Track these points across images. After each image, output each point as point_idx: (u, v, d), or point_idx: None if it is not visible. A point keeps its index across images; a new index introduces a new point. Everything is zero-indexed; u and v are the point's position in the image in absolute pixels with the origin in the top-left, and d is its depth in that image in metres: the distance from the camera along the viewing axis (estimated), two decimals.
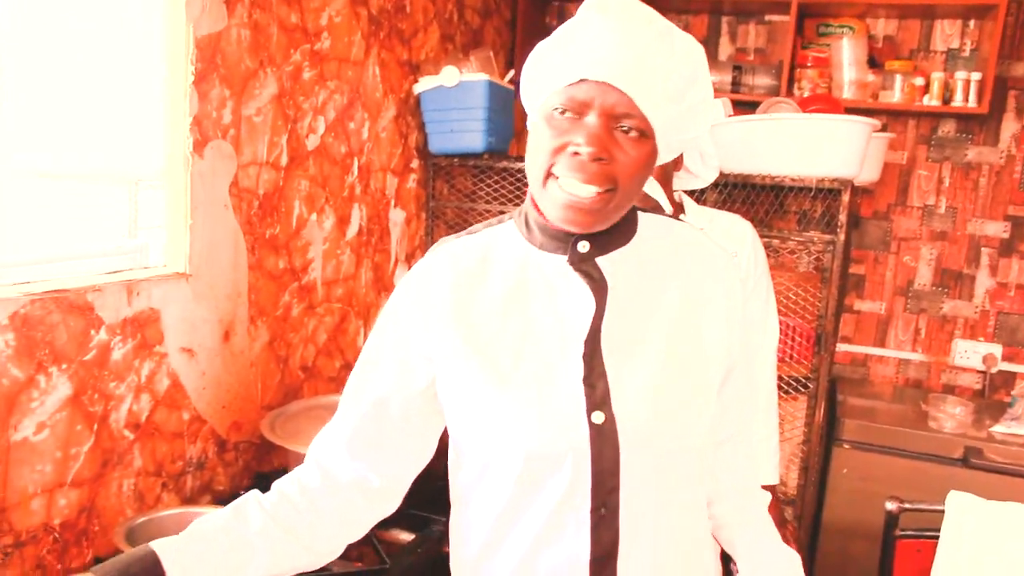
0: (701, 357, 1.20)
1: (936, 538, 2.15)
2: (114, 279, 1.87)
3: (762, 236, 2.26)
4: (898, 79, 3.36)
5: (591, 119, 1.09)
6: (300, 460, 2.09)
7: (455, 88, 2.82)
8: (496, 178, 3.08)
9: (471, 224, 3.42)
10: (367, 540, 2.06)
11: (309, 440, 2.13)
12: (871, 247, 3.67)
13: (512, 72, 3.10)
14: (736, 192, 2.77)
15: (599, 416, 1.13)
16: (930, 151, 3.54)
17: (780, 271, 3.00)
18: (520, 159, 2.99)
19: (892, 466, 3.04)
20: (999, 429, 3.05)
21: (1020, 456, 2.91)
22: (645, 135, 1.10)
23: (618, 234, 1.21)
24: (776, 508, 2.10)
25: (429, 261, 1.25)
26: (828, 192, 2.66)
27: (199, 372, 2.09)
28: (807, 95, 3.32)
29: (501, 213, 3.32)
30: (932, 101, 3.33)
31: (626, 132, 1.09)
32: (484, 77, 2.80)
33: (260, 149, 2.21)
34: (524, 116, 1.22)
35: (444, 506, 2.28)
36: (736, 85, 3.56)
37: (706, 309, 1.22)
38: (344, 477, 1.27)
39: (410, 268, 3.08)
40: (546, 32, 1.29)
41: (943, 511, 2.14)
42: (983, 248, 3.53)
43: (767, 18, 3.70)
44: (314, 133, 2.43)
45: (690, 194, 2.28)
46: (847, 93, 3.37)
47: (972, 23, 3.43)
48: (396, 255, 2.94)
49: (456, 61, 2.87)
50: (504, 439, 1.16)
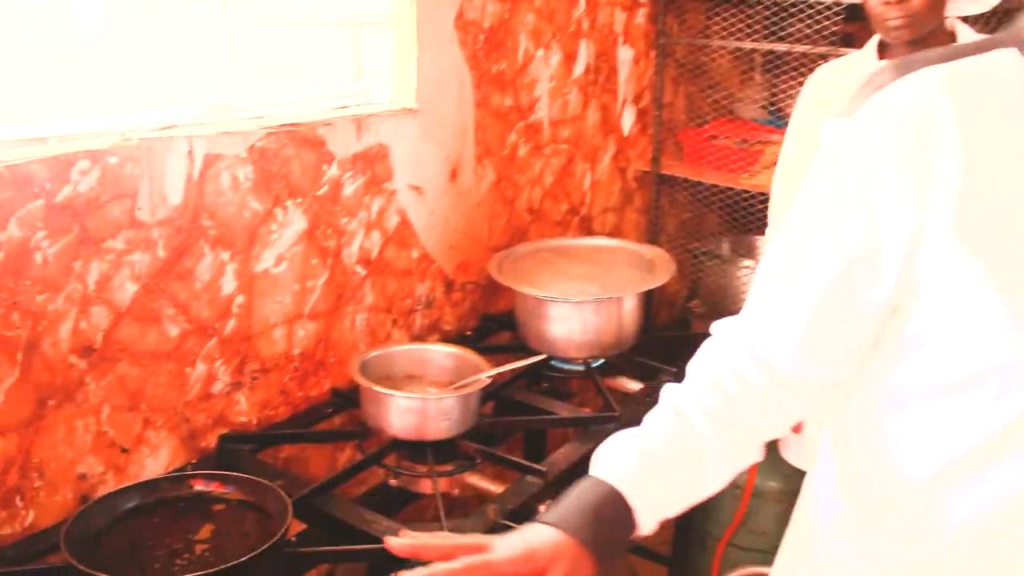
0: None
1: None
2: (344, 114, 1.85)
3: None
4: None
5: None
6: (526, 302, 2.07)
7: None
8: (731, 12, 2.83)
9: (701, 64, 3.22)
10: (595, 386, 2.02)
11: (536, 282, 2.11)
12: None
13: None
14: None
15: None
16: None
17: None
18: None
19: None
20: None
21: None
22: None
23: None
24: None
25: (919, 92, 0.86)
26: None
27: (427, 210, 2.07)
28: None
29: (737, 52, 3.08)
30: None
31: None
32: None
33: None
34: None
35: (672, 355, 2.22)
36: None
37: None
38: (790, 375, 0.98)
39: (638, 110, 2.98)
40: None
41: None
42: None
43: None
44: None
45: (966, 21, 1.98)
46: None
47: None
48: (624, 95, 2.80)
49: None
50: None
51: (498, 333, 2.28)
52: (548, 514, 0.92)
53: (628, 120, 2.85)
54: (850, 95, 0.93)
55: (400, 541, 0.89)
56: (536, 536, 0.89)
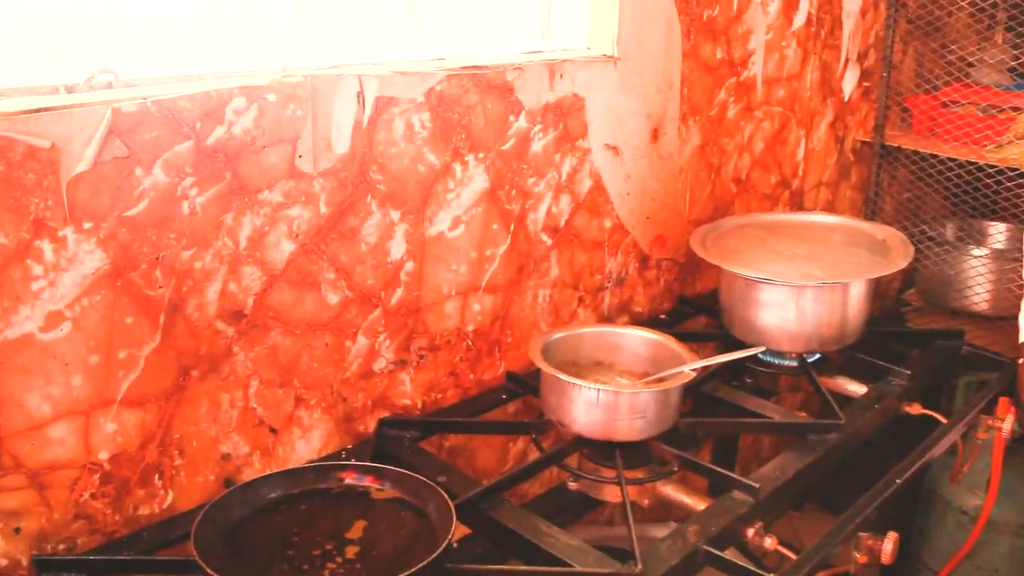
0: None
1: None
2: (536, 59, 1.61)
3: None
4: None
5: None
6: (734, 283, 1.78)
7: None
8: None
9: (937, 18, 2.82)
10: (810, 385, 1.72)
11: (748, 261, 1.81)
12: None
13: None
14: None
15: None
16: None
17: None
18: None
19: None
20: None
21: None
22: None
23: None
24: None
25: None
26: None
27: (624, 174, 1.80)
28: None
29: (978, 5, 2.67)
30: None
31: None
32: None
33: None
34: None
35: (900, 356, 1.89)
36: None
37: None
38: None
39: (862, 71, 2.61)
40: None
41: None
42: None
43: None
44: None
45: None
46: None
47: None
48: (847, 53, 2.44)
49: None
50: None
51: (695, 318, 2.00)
52: None
53: (850, 82, 2.49)
54: None
55: None
56: None
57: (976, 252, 2.61)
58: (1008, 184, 2.40)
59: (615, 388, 1.44)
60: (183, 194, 1.18)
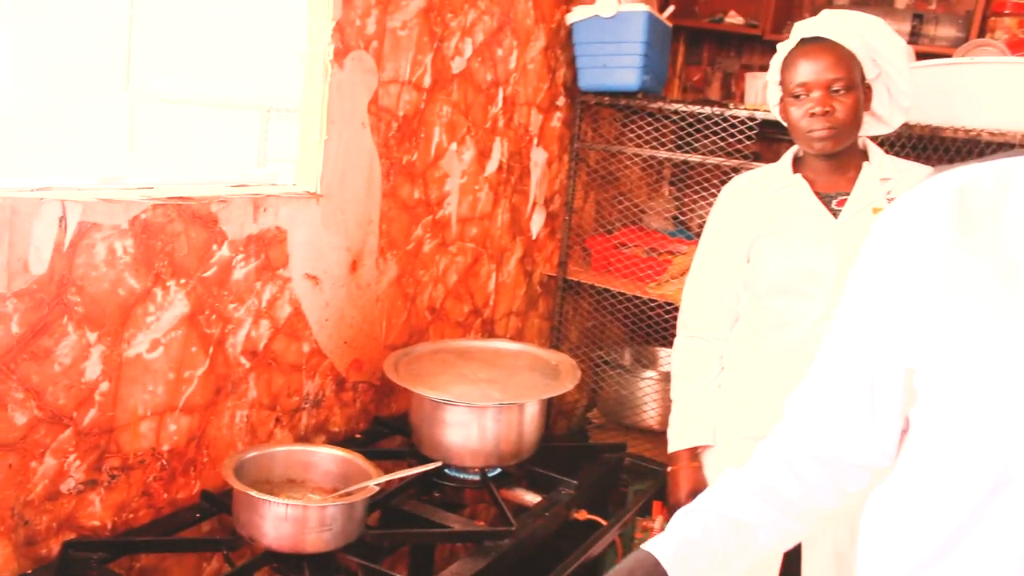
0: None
1: None
2: (241, 192, 1.72)
3: None
4: None
5: None
6: (423, 404, 1.94)
7: (612, 19, 2.59)
8: (647, 121, 2.83)
9: (613, 172, 3.21)
10: (490, 497, 1.89)
11: (433, 384, 1.98)
12: None
13: (672, 8, 2.85)
14: (918, 148, 2.45)
15: None
16: None
17: None
18: (676, 101, 2.74)
19: None
20: None
21: None
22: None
23: None
24: None
25: (926, 194, 0.93)
26: None
27: (323, 302, 1.93)
28: (1006, 40, 2.95)
29: (645, 162, 3.08)
30: None
31: None
32: (645, 8, 2.56)
33: (403, 66, 2.03)
34: (672, 62, 0.97)
35: (571, 468, 2.11)
36: (916, 36, 3.20)
37: None
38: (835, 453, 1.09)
39: (548, 213, 2.92)
40: None
41: None
42: None
43: None
44: (460, 56, 2.23)
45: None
46: None
47: None
48: (534, 198, 2.74)
49: None
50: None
51: (390, 437, 2.13)
52: None
53: (538, 223, 2.79)
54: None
55: None
56: None
57: (646, 375, 2.95)
58: (667, 316, 2.75)
59: (303, 503, 1.53)
60: None
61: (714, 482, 1.17)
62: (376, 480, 1.59)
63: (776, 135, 2.93)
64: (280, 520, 1.48)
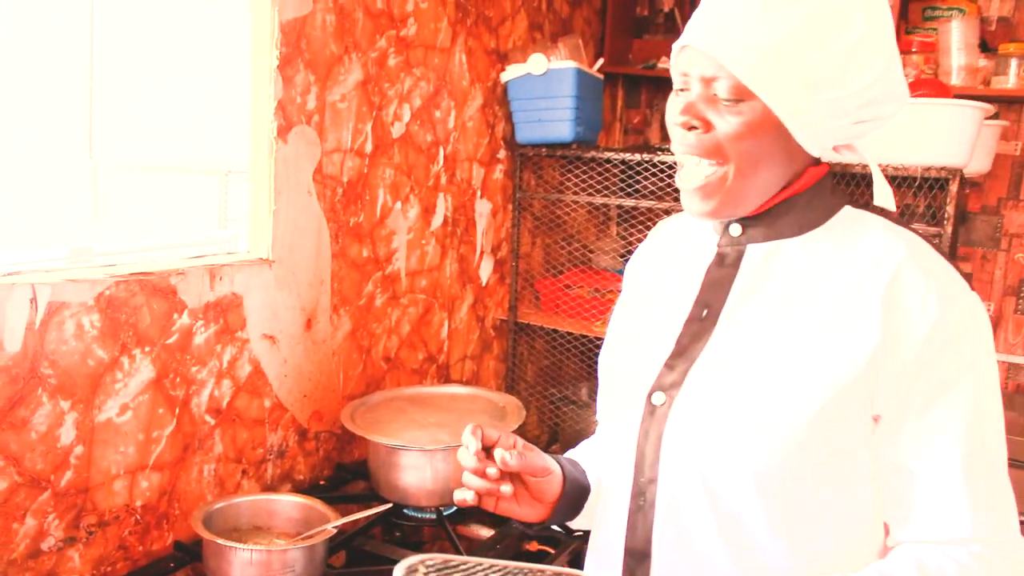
0: (816, 375, 1.00)
1: None
2: (197, 263, 1.87)
3: None
4: (1013, 63, 3.16)
5: (692, 88, 1.04)
6: (379, 450, 2.08)
7: (543, 76, 2.76)
8: (585, 168, 3.01)
9: (558, 216, 3.38)
10: (444, 533, 2.03)
11: (388, 431, 2.12)
12: (979, 244, 3.48)
13: (601, 61, 3.03)
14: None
15: (659, 397, 1.09)
16: None
17: None
18: (609, 149, 2.92)
19: None
20: None
21: None
22: (741, 99, 1.00)
23: (781, 223, 1.09)
24: None
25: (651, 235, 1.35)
26: (934, 183, 2.52)
27: (281, 360, 2.08)
28: (911, 81, 3.16)
29: (589, 205, 3.25)
30: None
31: (724, 99, 1.01)
32: (573, 65, 2.74)
33: (344, 136, 2.19)
34: (612, 106, 1.16)
35: None
36: None
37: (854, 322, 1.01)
38: None
39: (496, 260, 3.08)
40: (636, 21, 1.24)
41: None
42: None
43: None
44: (399, 121, 2.40)
45: None
46: (955, 80, 3.19)
47: None
48: (481, 247, 2.90)
49: (544, 49, 2.82)
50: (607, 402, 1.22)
51: (353, 482, 2.26)
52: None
53: (486, 270, 2.95)
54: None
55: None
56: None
57: None
58: None
59: (266, 548, 1.67)
60: None
61: None
62: (334, 523, 1.72)
63: None
64: (246, 564, 1.62)
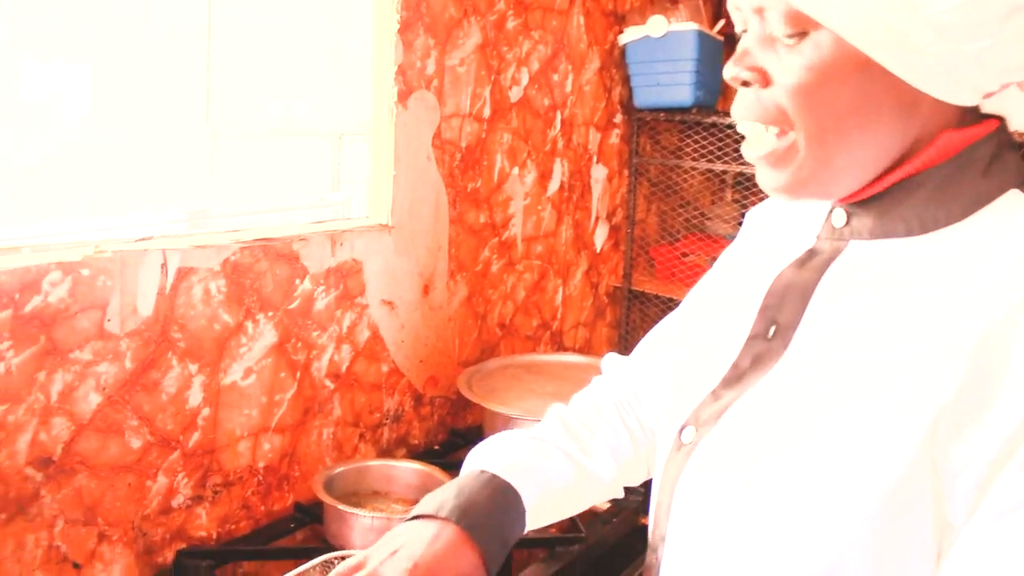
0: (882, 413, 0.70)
1: None
2: (318, 229, 1.88)
3: None
4: None
5: (750, 27, 0.79)
6: (495, 418, 2.07)
7: (662, 39, 2.69)
8: (704, 134, 2.92)
9: (674, 182, 3.30)
10: None
11: (505, 399, 2.12)
12: None
13: (722, 22, 2.93)
14: None
15: (689, 434, 0.84)
16: None
17: None
18: (729, 114, 2.83)
19: None
20: None
21: None
22: (802, 32, 0.73)
23: (900, 211, 0.77)
24: None
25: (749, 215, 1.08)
26: None
27: (398, 325, 2.08)
28: None
29: (708, 171, 3.17)
30: None
31: (781, 35, 0.75)
32: (694, 27, 2.65)
33: (463, 101, 2.17)
34: None
35: None
36: None
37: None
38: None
39: (611, 227, 3.03)
40: None
41: None
42: None
43: None
44: (517, 85, 2.37)
45: None
46: None
47: None
48: (597, 213, 2.86)
49: (664, 10, 2.73)
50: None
51: (467, 448, 2.26)
52: (457, 509, 0.91)
53: (601, 236, 2.90)
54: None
55: None
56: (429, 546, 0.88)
57: None
58: None
59: (387, 515, 1.68)
60: (0, 356, 1.36)
61: None
62: None
63: None
64: (367, 530, 1.63)
